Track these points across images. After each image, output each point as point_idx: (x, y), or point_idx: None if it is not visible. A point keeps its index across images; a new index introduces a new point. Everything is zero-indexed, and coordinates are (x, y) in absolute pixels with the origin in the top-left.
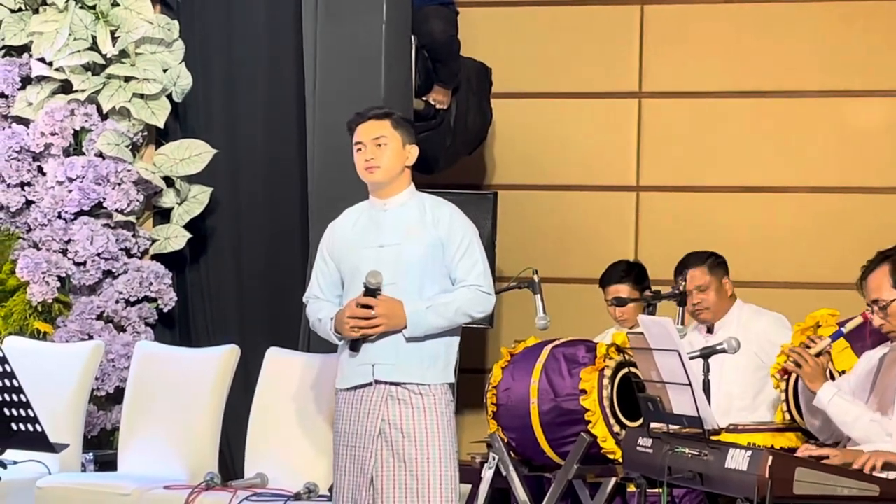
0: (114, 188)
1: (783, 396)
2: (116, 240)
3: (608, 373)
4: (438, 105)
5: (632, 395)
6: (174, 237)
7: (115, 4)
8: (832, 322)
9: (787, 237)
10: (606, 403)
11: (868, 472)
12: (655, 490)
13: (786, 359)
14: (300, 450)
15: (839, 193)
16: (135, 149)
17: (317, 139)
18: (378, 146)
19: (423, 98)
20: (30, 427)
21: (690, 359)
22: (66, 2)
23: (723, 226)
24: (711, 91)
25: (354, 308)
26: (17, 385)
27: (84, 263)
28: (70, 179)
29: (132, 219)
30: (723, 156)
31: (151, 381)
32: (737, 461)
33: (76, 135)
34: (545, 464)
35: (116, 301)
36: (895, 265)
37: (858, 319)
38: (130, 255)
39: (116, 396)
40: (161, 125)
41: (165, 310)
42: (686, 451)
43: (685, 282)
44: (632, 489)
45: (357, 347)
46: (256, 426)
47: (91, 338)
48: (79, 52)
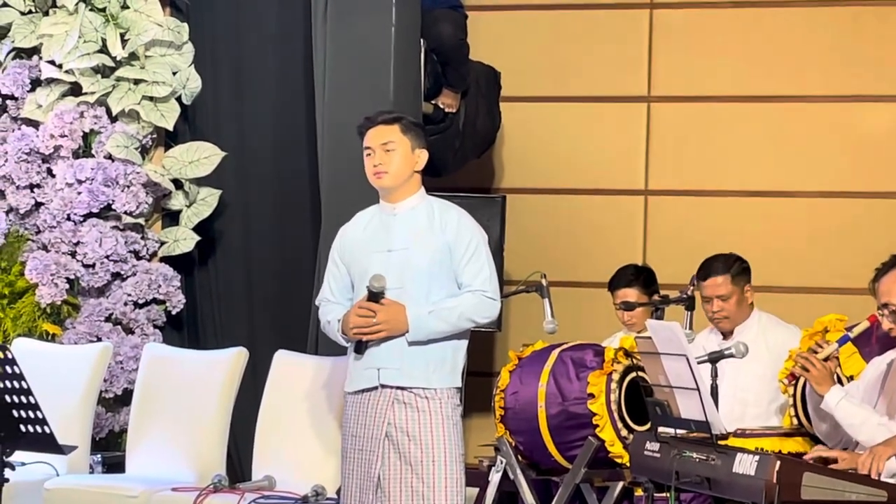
0: (123, 190)
1: (791, 401)
2: (125, 242)
3: (616, 377)
4: (447, 108)
5: (640, 400)
6: (183, 239)
7: (125, 7)
8: (840, 327)
9: (796, 242)
10: (614, 407)
11: (875, 478)
12: (663, 494)
13: (793, 364)
14: (308, 452)
15: (848, 198)
16: (144, 151)
17: (326, 142)
18: (386, 151)
19: (432, 101)
20: (38, 428)
21: (699, 363)
22: (76, 4)
23: (731, 230)
24: (720, 95)
25: (357, 318)
26: (26, 387)
27: (93, 265)
28: (79, 181)
29: (141, 221)
30: (732, 160)
31: (160, 384)
32: (744, 466)
33: (85, 137)
34: (553, 467)
35: (125, 303)
36: None
37: (865, 324)
38: (139, 258)
39: (124, 398)
40: (170, 128)
41: (174, 312)
42: (694, 456)
43: (694, 286)
44: (639, 493)
45: (361, 350)
46: (264, 428)
47: (99, 340)
48: (88, 55)
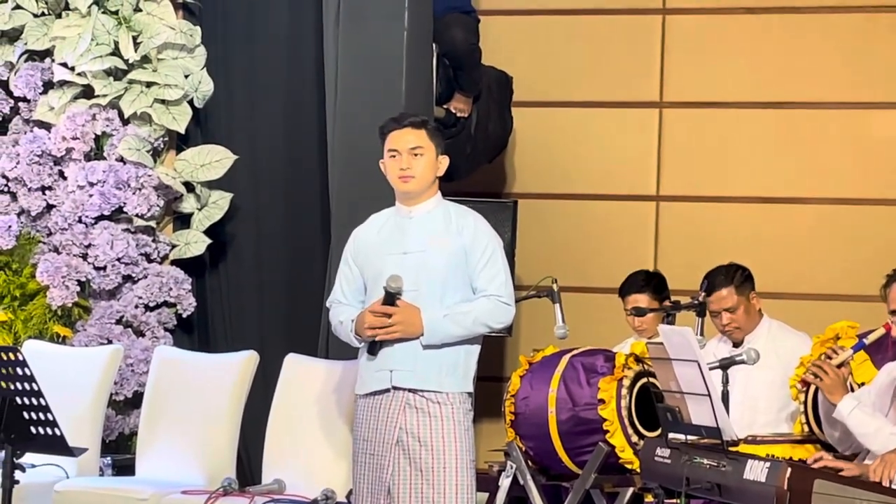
0: (134, 193)
1: (802, 408)
2: (136, 245)
3: (627, 382)
4: (459, 113)
5: (650, 405)
6: (194, 242)
7: (138, 10)
8: (852, 334)
9: (807, 248)
10: (625, 413)
11: (886, 485)
12: (673, 500)
13: (805, 371)
14: (318, 456)
15: (860, 205)
16: (156, 154)
17: (337, 145)
18: (414, 156)
19: (444, 106)
20: (49, 430)
21: (710, 369)
22: (89, 7)
23: (742, 236)
24: (732, 101)
25: (372, 318)
26: (37, 389)
27: (104, 268)
28: (91, 184)
29: (152, 224)
30: (743, 166)
31: (170, 386)
32: (755, 472)
33: (97, 139)
34: (563, 473)
35: (136, 306)
36: None
37: (881, 331)
38: (150, 260)
39: (135, 401)
40: (182, 130)
41: (184, 315)
42: (704, 462)
43: (703, 296)
44: (649, 499)
45: (375, 351)
46: (274, 432)
47: (110, 342)
48: (101, 57)
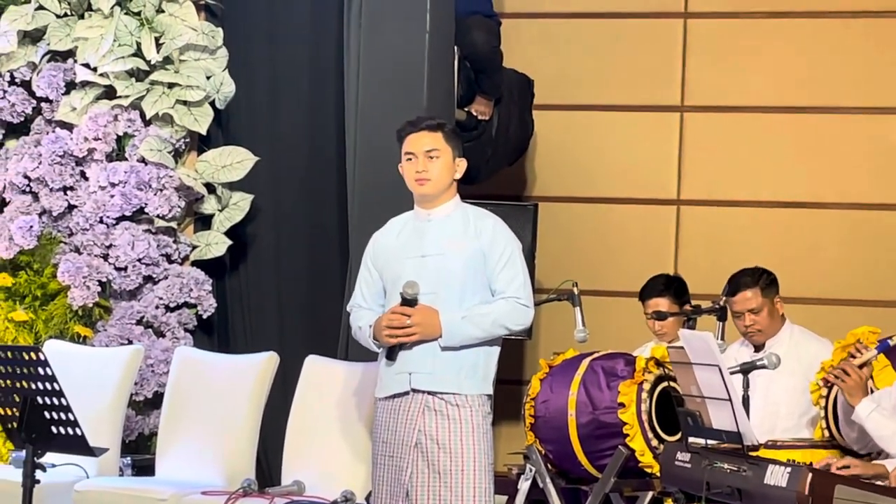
0: (155, 194)
1: (822, 413)
2: (157, 245)
3: (647, 386)
4: (480, 116)
5: (670, 410)
6: (214, 244)
7: (160, 11)
8: (873, 339)
9: (827, 253)
10: (645, 417)
11: None
12: None
13: (824, 373)
14: (338, 458)
15: (881, 210)
16: (177, 155)
17: (358, 148)
18: (430, 159)
19: (465, 109)
20: (69, 430)
21: (731, 374)
22: (112, 8)
23: (763, 241)
24: (753, 105)
25: (391, 317)
26: (58, 389)
27: (125, 268)
28: (112, 184)
29: (173, 225)
30: (764, 170)
31: (190, 387)
32: (776, 477)
33: (119, 140)
34: (582, 476)
35: (156, 306)
36: None
37: None
38: (171, 261)
39: (155, 401)
40: (203, 132)
41: (205, 316)
42: (725, 467)
43: (727, 301)
44: None
45: (393, 356)
46: (294, 433)
47: (130, 342)
48: (123, 58)
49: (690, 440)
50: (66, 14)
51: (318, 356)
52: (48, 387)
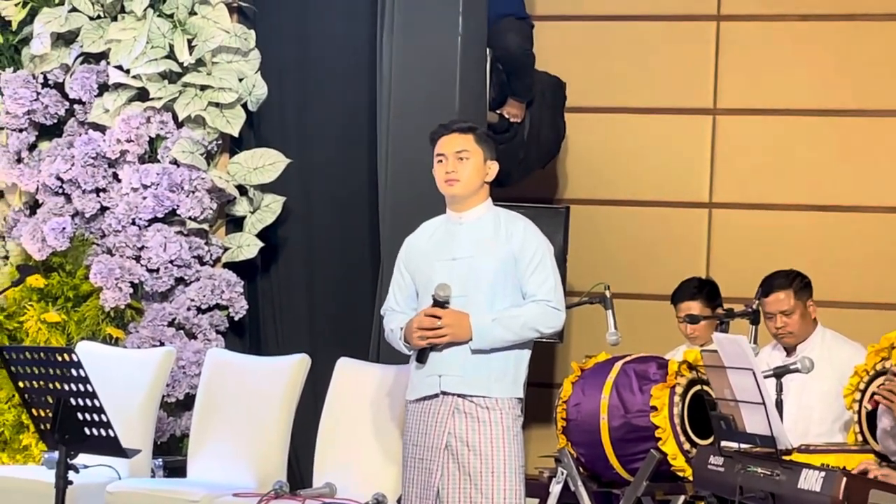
0: (187, 196)
1: (856, 418)
2: (189, 247)
3: (679, 390)
4: (512, 118)
5: (703, 413)
6: (246, 245)
7: (193, 13)
8: None
9: (861, 257)
10: (677, 421)
11: None
12: None
13: (860, 381)
14: (369, 460)
15: None
16: (209, 157)
17: (390, 151)
18: (460, 160)
19: (498, 111)
20: (102, 431)
21: (764, 378)
22: (145, 10)
23: (795, 244)
24: (786, 108)
25: (422, 318)
26: (91, 390)
27: (157, 270)
28: (144, 186)
29: (205, 226)
30: (796, 173)
31: (222, 389)
32: (810, 482)
33: (151, 142)
34: (614, 480)
35: (188, 308)
36: None
37: None
38: (202, 263)
39: (186, 403)
40: (236, 134)
41: (236, 318)
42: (758, 471)
43: (760, 302)
44: None
45: (423, 359)
46: (326, 436)
47: (162, 344)
48: (156, 61)
49: (723, 444)
50: (100, 16)
51: (350, 358)
52: (81, 388)
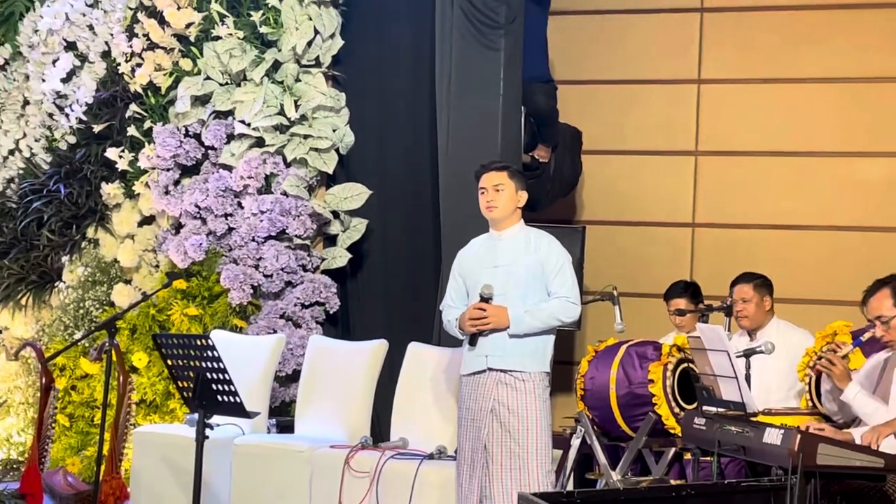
0: (294, 219)
1: (806, 388)
2: (295, 258)
3: (671, 367)
4: (541, 159)
5: (689, 385)
6: (339, 257)
7: (298, 80)
8: (846, 331)
9: (811, 264)
10: (669, 391)
11: (874, 448)
12: (707, 458)
13: (809, 360)
14: (433, 421)
15: (850, 231)
16: (310, 189)
17: (447, 185)
18: (497, 191)
19: (530, 154)
20: (231, 398)
21: (736, 357)
22: (262, 78)
23: (759, 254)
24: (751, 150)
25: (472, 310)
26: (223, 367)
27: (271, 276)
28: (262, 212)
29: (308, 242)
30: (760, 200)
31: (320, 366)
32: (772, 438)
33: (267, 178)
34: (621, 436)
35: (295, 304)
36: (894, 289)
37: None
38: (306, 270)
39: (294, 377)
40: (330, 172)
41: (331, 312)
42: (732, 429)
43: (732, 295)
44: (688, 457)
45: (474, 342)
46: (400, 402)
47: (275, 332)
48: (270, 116)
49: (705, 408)
50: (227, 83)
51: (418, 343)
52: (215, 365)
